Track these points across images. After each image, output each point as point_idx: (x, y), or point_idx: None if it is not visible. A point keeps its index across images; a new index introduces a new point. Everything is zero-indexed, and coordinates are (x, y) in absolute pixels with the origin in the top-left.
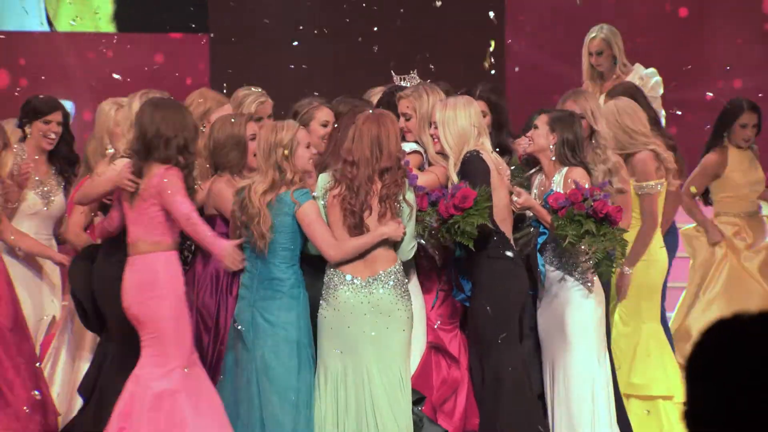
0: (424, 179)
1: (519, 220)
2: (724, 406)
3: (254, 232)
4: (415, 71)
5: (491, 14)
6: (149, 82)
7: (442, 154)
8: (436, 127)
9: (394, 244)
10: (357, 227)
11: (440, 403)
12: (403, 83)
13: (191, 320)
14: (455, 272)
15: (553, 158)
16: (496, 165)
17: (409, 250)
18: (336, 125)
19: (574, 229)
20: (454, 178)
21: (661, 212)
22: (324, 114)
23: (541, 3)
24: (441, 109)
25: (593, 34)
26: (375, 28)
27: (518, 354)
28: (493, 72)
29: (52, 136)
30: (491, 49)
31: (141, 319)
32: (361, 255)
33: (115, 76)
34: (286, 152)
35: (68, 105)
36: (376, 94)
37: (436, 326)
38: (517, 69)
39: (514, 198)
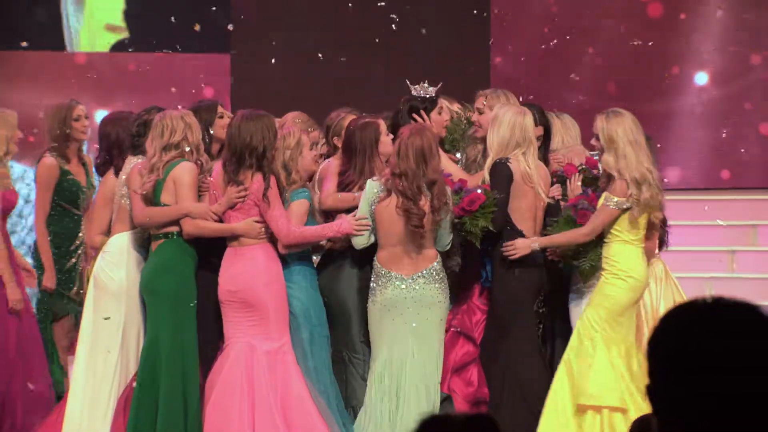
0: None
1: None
2: (678, 383)
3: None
4: (427, 82)
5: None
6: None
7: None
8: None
9: (434, 239)
10: (420, 227)
11: (457, 368)
12: (419, 93)
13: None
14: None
15: None
16: (524, 175)
17: (447, 243)
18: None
19: None
20: (487, 178)
21: None
22: None
23: (525, 20)
24: (496, 110)
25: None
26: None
27: (531, 342)
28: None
29: None
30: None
31: (251, 303)
32: (407, 253)
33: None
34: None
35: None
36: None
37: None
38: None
39: None
